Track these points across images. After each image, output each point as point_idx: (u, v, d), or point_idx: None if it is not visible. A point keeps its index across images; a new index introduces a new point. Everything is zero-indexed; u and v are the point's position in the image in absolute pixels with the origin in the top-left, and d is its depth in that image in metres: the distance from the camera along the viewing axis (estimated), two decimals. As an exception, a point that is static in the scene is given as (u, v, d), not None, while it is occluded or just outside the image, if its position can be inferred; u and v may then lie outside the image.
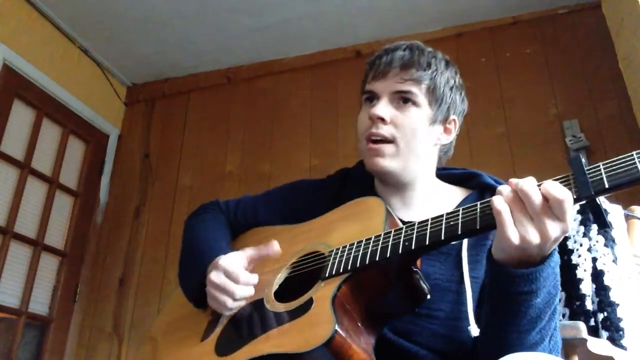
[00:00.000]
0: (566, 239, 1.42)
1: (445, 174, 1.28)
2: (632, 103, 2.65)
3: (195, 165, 3.55)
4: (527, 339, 0.90)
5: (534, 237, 0.81)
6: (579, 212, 1.43)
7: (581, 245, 1.38)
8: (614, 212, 1.41)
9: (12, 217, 2.95)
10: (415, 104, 1.15)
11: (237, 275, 1.08)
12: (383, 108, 1.14)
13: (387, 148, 1.14)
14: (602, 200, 1.44)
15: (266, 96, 3.58)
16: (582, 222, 1.40)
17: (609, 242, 1.36)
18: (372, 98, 1.19)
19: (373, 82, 1.19)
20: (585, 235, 1.39)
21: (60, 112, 3.32)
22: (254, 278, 1.10)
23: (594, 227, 1.38)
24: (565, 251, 1.40)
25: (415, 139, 1.15)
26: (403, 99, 1.15)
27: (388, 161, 1.14)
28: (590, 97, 2.88)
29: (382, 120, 1.14)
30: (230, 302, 1.08)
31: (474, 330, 0.99)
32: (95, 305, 3.35)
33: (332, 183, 1.33)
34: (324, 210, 1.18)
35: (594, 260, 1.36)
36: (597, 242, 1.36)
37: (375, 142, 1.14)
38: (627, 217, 1.46)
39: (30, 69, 3.11)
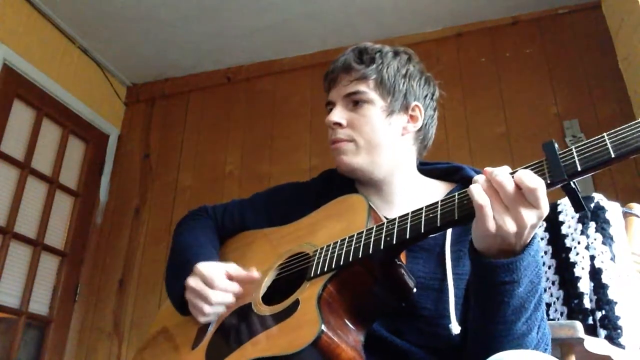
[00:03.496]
0: (564, 237, 1.42)
1: (429, 169, 1.28)
2: (632, 103, 2.65)
3: (195, 165, 3.55)
4: (513, 330, 0.90)
5: (511, 226, 0.81)
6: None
7: (579, 243, 1.38)
8: (612, 209, 1.41)
9: (12, 217, 2.95)
10: (366, 101, 1.18)
11: (212, 281, 1.08)
12: (337, 113, 1.19)
13: (347, 145, 1.17)
14: (600, 198, 1.44)
15: (266, 96, 3.58)
16: (580, 220, 1.40)
17: (607, 240, 1.36)
18: (331, 107, 1.22)
19: (329, 92, 1.25)
20: (583, 233, 1.38)
21: (60, 112, 3.33)
22: (233, 285, 1.10)
23: (592, 225, 1.38)
24: (563, 249, 1.40)
25: (375, 133, 1.17)
26: (354, 100, 1.19)
27: (350, 157, 1.17)
28: (590, 97, 2.87)
29: (339, 125, 1.18)
30: (206, 308, 1.08)
31: (455, 328, 0.99)
32: (95, 305, 3.35)
33: (317, 185, 1.34)
34: (310, 212, 1.19)
35: (592, 258, 1.35)
36: (595, 240, 1.36)
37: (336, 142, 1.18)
38: (625, 215, 1.45)
39: (30, 69, 3.12)
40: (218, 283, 1.08)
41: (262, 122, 3.51)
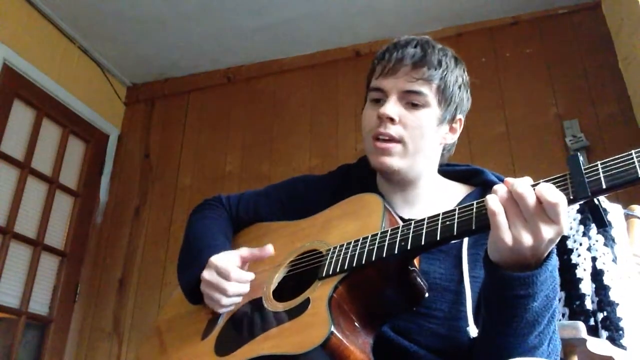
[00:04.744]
0: (566, 238, 1.41)
1: (448, 171, 1.26)
2: (632, 103, 2.65)
3: (195, 165, 3.55)
4: (525, 343, 0.89)
5: (527, 239, 0.80)
6: (578, 211, 1.43)
7: (581, 244, 1.38)
8: (613, 211, 1.41)
9: (12, 217, 2.95)
10: (425, 104, 1.11)
11: (228, 273, 1.08)
12: (392, 107, 1.10)
13: (395, 147, 1.11)
14: (602, 200, 1.45)
15: (266, 96, 3.58)
16: (581, 222, 1.40)
17: (609, 241, 1.35)
18: (380, 95, 1.14)
19: (382, 78, 1.14)
20: (584, 234, 1.38)
21: (60, 112, 3.32)
22: (248, 275, 1.10)
23: (594, 226, 1.38)
24: (564, 250, 1.40)
25: (423, 139, 1.12)
26: (413, 99, 1.11)
27: (396, 160, 1.11)
28: (590, 97, 2.88)
29: (391, 120, 1.10)
30: (223, 300, 1.08)
31: (473, 331, 0.98)
32: (95, 305, 3.35)
33: (334, 179, 1.31)
34: (325, 207, 1.17)
35: (594, 259, 1.35)
36: (596, 241, 1.36)
37: (383, 141, 1.11)
38: (627, 217, 1.45)
39: (30, 69, 3.11)
40: (233, 275, 1.08)
41: (262, 122, 3.51)
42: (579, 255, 1.37)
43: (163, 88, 3.84)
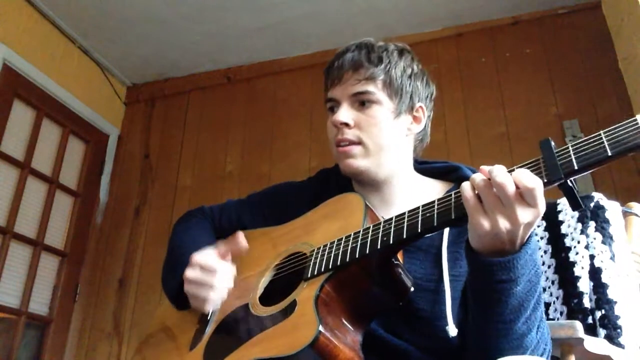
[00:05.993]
0: (564, 236, 1.41)
1: (425, 168, 1.27)
2: (632, 103, 2.65)
3: (195, 165, 3.55)
4: (513, 330, 0.89)
5: (505, 224, 0.81)
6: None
7: (579, 242, 1.38)
8: (611, 208, 1.41)
9: (12, 217, 2.95)
10: (375, 102, 1.15)
11: (212, 267, 1.08)
12: (344, 113, 1.15)
13: (355, 149, 1.15)
14: (600, 197, 1.44)
15: (266, 96, 3.58)
16: (579, 220, 1.40)
17: (607, 239, 1.35)
18: (334, 105, 1.20)
19: (332, 89, 1.20)
20: (582, 232, 1.38)
21: (60, 112, 3.33)
22: (230, 267, 1.11)
23: (592, 224, 1.38)
24: (562, 248, 1.40)
25: (382, 135, 1.15)
26: (362, 100, 1.16)
27: (359, 161, 1.15)
28: (590, 97, 2.87)
29: (346, 125, 1.15)
30: (210, 295, 1.08)
31: (452, 331, 0.99)
32: (95, 305, 3.35)
33: (313, 184, 1.34)
34: (306, 212, 1.18)
35: (592, 257, 1.35)
36: (594, 239, 1.36)
37: (344, 145, 1.15)
38: (625, 214, 1.45)
39: (30, 69, 3.12)
40: (218, 267, 1.08)
41: (262, 122, 3.52)
42: (577, 254, 1.37)
43: (163, 88, 3.84)
